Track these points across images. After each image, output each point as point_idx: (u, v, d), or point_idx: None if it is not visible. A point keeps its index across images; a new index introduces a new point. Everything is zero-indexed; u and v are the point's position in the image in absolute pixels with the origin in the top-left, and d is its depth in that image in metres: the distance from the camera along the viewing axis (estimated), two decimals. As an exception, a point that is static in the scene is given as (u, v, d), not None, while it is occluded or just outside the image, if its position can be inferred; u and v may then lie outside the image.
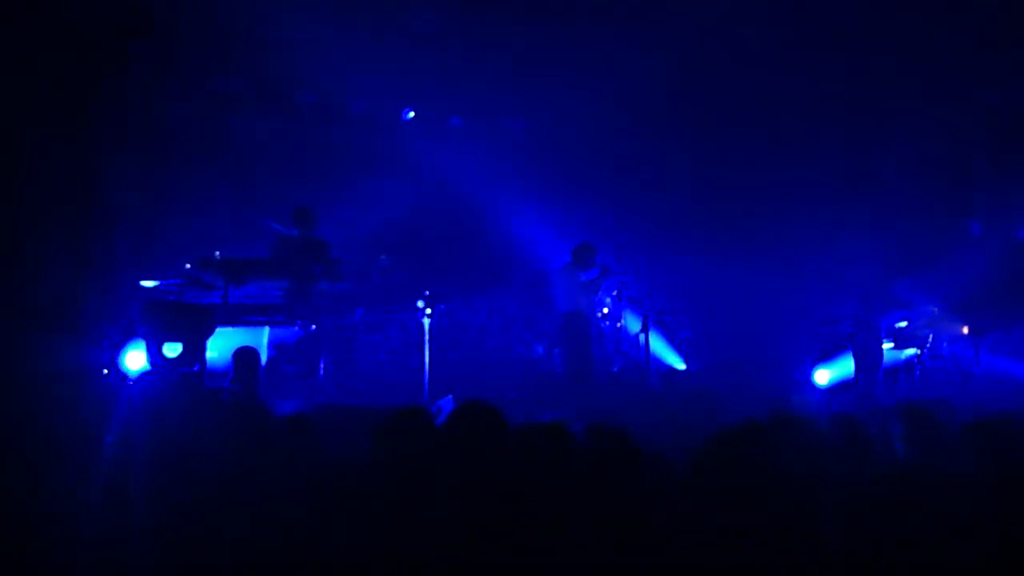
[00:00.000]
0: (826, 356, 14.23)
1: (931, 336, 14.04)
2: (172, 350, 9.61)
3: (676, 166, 16.19)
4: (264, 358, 10.80)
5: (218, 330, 10.27)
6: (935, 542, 4.37)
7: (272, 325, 11.38)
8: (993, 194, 16.16)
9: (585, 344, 13.18)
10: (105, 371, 9.92)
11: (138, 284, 11.05)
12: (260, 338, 11.23)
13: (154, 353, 9.59)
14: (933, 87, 15.12)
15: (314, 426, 6.01)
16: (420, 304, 12.13)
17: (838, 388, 13.83)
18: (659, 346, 14.56)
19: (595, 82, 14.56)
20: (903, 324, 13.93)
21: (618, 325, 14.01)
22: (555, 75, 14.70)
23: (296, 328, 11.53)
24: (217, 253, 11.22)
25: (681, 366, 15.00)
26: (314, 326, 11.57)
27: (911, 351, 14.03)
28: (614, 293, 14.04)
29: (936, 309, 14.23)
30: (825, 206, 15.43)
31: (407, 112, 15.52)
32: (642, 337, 13.58)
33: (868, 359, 13.43)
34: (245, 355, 9.83)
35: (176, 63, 13.44)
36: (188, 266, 11.10)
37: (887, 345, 13.80)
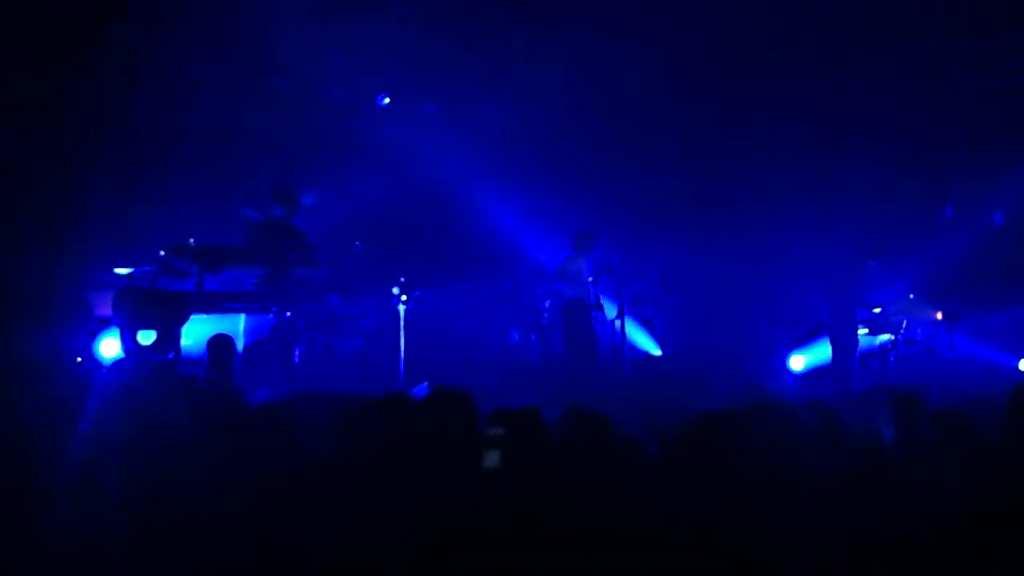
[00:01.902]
0: (801, 342, 14.29)
1: (905, 322, 14.13)
2: (146, 338, 9.56)
3: (653, 153, 16.20)
4: (239, 345, 10.76)
5: (192, 317, 10.22)
6: (906, 525, 4.40)
7: (247, 312, 11.33)
8: (967, 180, 16.23)
9: (590, 332, 13.27)
10: (79, 359, 9.88)
11: (111, 271, 10.99)
12: (235, 325, 11.18)
13: (128, 341, 9.54)
14: (908, 75, 15.18)
15: (289, 414, 5.98)
16: (395, 290, 12.12)
17: (813, 374, 13.89)
18: (635, 332, 14.59)
19: (572, 69, 14.56)
20: (877, 310, 14.00)
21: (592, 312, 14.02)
22: (532, 62, 14.69)
23: (271, 315, 11.49)
24: (191, 240, 11.16)
25: (657, 352, 15.02)
26: (289, 313, 11.53)
27: (885, 337, 14.12)
28: (589, 280, 14.05)
29: (911, 295, 14.32)
30: (802, 192, 15.48)
31: (382, 98, 15.46)
32: (618, 323, 13.60)
33: (844, 345, 13.50)
34: (220, 342, 9.79)
35: (150, 50, 13.36)
36: (162, 253, 11.03)
37: (862, 331, 13.87)
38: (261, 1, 12.84)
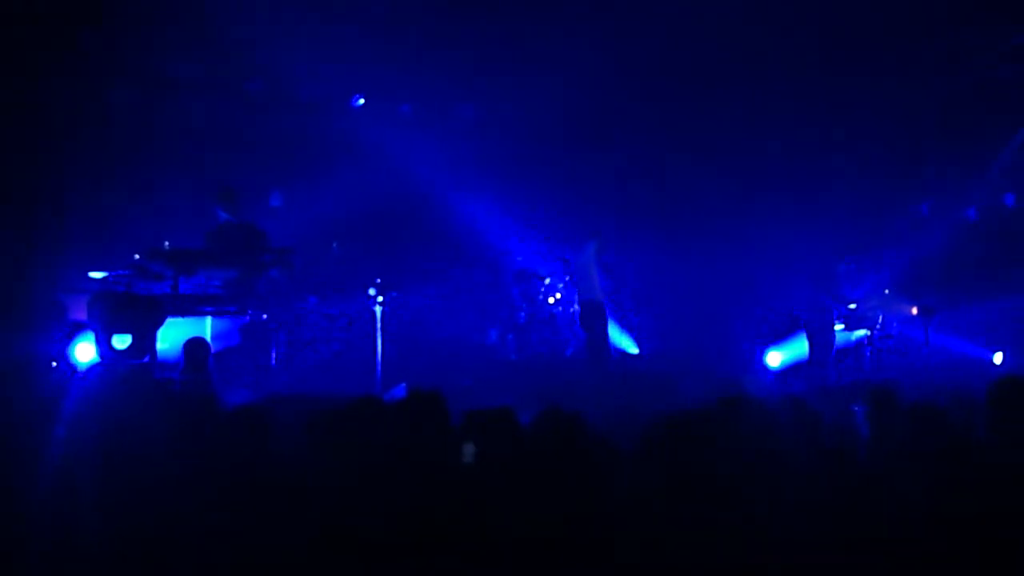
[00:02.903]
0: (778, 338, 14.33)
1: (881, 317, 14.18)
2: (121, 341, 9.54)
3: (629, 152, 16.22)
4: (215, 348, 10.73)
5: (168, 321, 10.19)
6: (880, 519, 4.42)
7: (223, 315, 11.30)
8: (942, 177, 16.32)
9: (605, 332, 13.32)
10: (54, 363, 9.84)
11: (86, 275, 10.95)
12: (211, 328, 11.15)
13: (103, 345, 9.51)
14: (882, 71, 15.24)
15: (266, 417, 5.97)
16: (372, 292, 12.09)
17: (790, 370, 13.93)
18: (613, 331, 14.59)
19: (548, 70, 14.55)
20: (853, 306, 14.05)
21: (572, 309, 14.02)
22: (508, 62, 14.68)
23: (247, 317, 11.46)
24: (166, 243, 11.13)
25: (634, 350, 15.02)
26: (265, 315, 11.50)
27: (861, 332, 14.16)
28: (567, 278, 14.08)
29: (886, 290, 14.38)
30: (779, 190, 15.51)
31: (356, 99, 15.44)
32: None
33: (821, 341, 13.55)
34: (196, 346, 9.77)
35: (124, 51, 13.32)
36: (137, 256, 11.00)
37: (838, 327, 13.93)
38: (235, 2, 12.82)
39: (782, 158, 15.68)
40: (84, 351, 10.08)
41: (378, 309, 12.05)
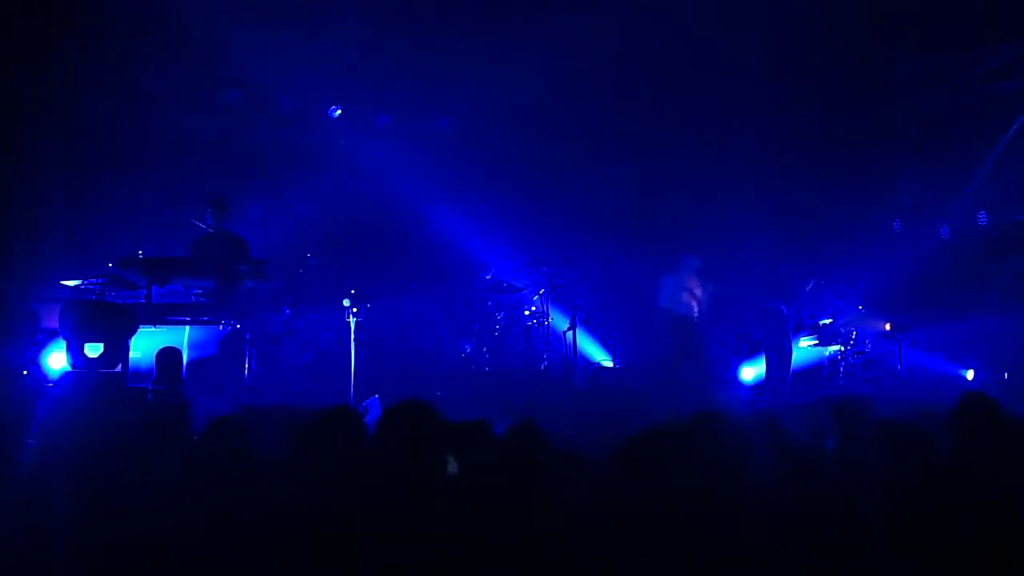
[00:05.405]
0: (749, 353, 14.37)
1: (854, 333, 14.25)
2: (94, 350, 9.49)
3: (605, 165, 16.26)
4: (188, 358, 10.69)
5: (141, 330, 10.16)
6: (848, 535, 4.45)
7: (196, 325, 11.26)
8: (915, 195, 16.43)
9: (690, 346, 13.55)
10: (25, 371, 9.81)
11: (59, 283, 10.91)
12: (184, 338, 11.12)
13: (75, 353, 9.47)
14: (855, 89, 15.35)
15: (240, 427, 5.96)
16: (346, 303, 12.07)
17: (761, 385, 13.98)
18: (587, 343, 14.60)
19: (523, 83, 14.60)
20: (828, 321, 14.12)
21: (546, 323, 14.03)
22: (484, 75, 14.72)
23: (221, 328, 11.42)
24: (140, 252, 11.09)
25: (609, 363, 15.01)
26: (239, 325, 11.47)
27: (835, 348, 14.23)
28: (541, 291, 14.06)
29: (860, 307, 14.44)
30: (753, 206, 15.54)
31: (333, 110, 15.44)
32: (569, 335, 13.62)
33: (777, 355, 13.61)
34: (168, 355, 9.73)
35: (99, 60, 13.30)
36: (111, 265, 10.96)
37: (810, 342, 13.98)
38: (211, 13, 12.81)
39: (758, 175, 15.72)
40: (56, 359, 10.04)
41: (352, 320, 12.03)
